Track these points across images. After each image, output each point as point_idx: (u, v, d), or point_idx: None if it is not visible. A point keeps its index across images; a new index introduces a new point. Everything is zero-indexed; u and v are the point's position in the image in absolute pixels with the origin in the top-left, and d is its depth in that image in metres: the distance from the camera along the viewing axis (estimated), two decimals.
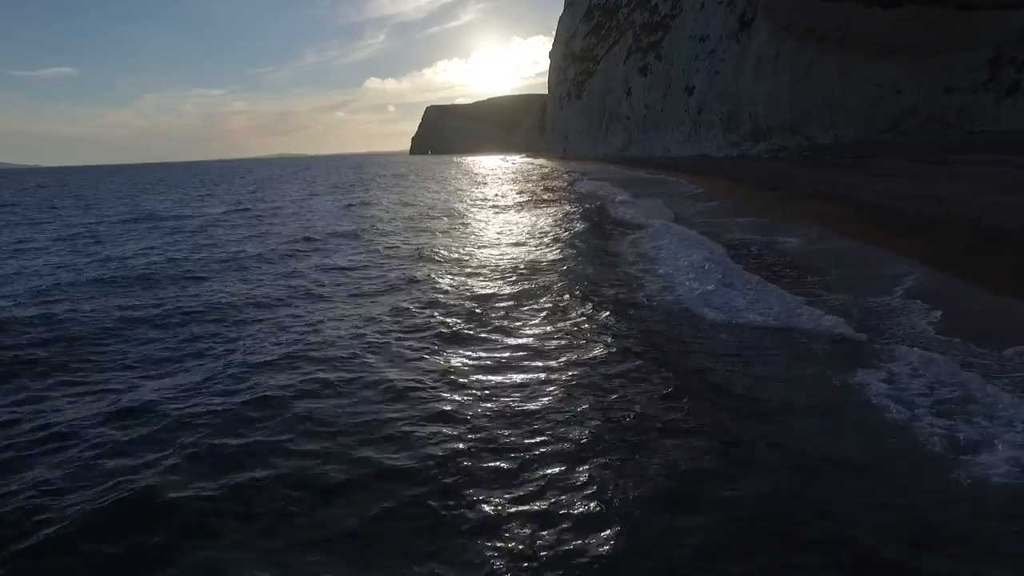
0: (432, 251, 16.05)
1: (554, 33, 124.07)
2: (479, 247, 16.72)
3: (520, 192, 37.45)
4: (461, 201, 33.12)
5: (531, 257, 14.53)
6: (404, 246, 17.42)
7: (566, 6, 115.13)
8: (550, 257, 14.39)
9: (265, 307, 10.84)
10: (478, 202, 32.18)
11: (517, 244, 17.02)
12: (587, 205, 26.11)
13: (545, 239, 17.41)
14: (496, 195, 35.42)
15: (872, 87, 34.59)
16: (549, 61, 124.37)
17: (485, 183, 50.55)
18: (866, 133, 34.76)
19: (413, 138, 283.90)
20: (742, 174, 30.81)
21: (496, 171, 76.20)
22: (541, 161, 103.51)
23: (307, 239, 19.44)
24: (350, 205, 32.39)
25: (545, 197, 31.74)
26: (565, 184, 41.87)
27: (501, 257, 14.83)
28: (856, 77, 35.25)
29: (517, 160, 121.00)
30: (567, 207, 26.36)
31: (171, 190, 56.68)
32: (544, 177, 52.47)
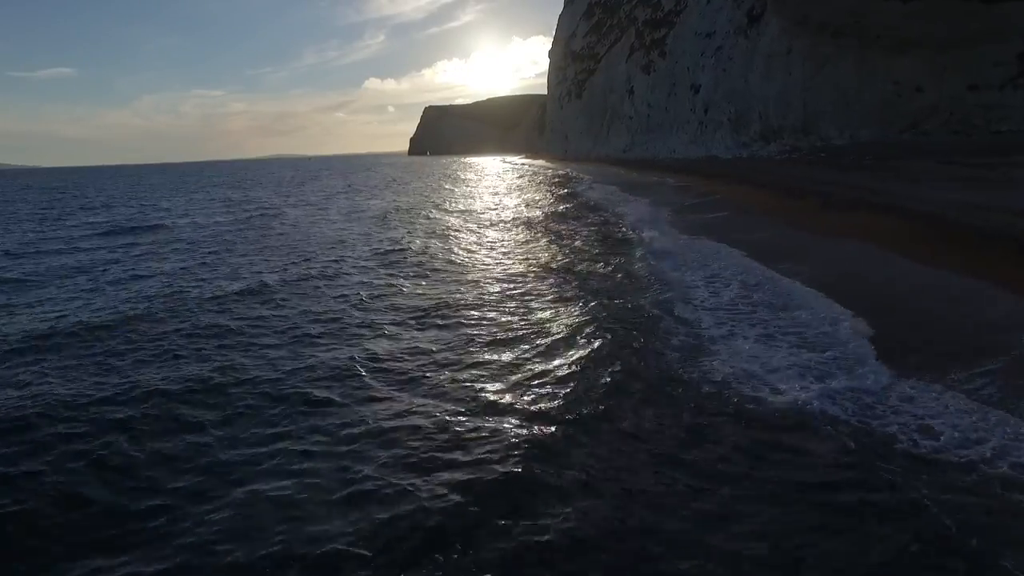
0: (462, 277, 14.48)
1: (554, 32, 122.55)
2: (503, 281, 14.18)
3: (533, 200, 36.19)
4: (478, 211, 31.84)
5: (581, 303, 11.65)
6: (428, 270, 15.57)
7: (566, 4, 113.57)
8: (601, 300, 11.71)
9: (254, 403, 7.39)
10: (491, 212, 30.92)
11: (555, 270, 14.77)
12: (606, 216, 24.70)
13: (582, 269, 14.76)
14: (512, 205, 34.07)
15: (891, 84, 33.16)
16: (549, 61, 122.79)
17: (494, 189, 49.52)
18: (884, 133, 33.33)
19: (411, 139, 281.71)
20: (758, 178, 29.36)
21: (499, 173, 74.87)
22: (541, 162, 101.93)
23: (310, 259, 17.46)
24: (359, 214, 31.12)
25: (560, 209, 30.14)
26: (575, 191, 40.58)
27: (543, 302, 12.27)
28: (873, 74, 33.80)
29: (517, 161, 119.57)
30: (590, 218, 24.87)
31: (166, 192, 55.23)
32: (553, 184, 50.97)
